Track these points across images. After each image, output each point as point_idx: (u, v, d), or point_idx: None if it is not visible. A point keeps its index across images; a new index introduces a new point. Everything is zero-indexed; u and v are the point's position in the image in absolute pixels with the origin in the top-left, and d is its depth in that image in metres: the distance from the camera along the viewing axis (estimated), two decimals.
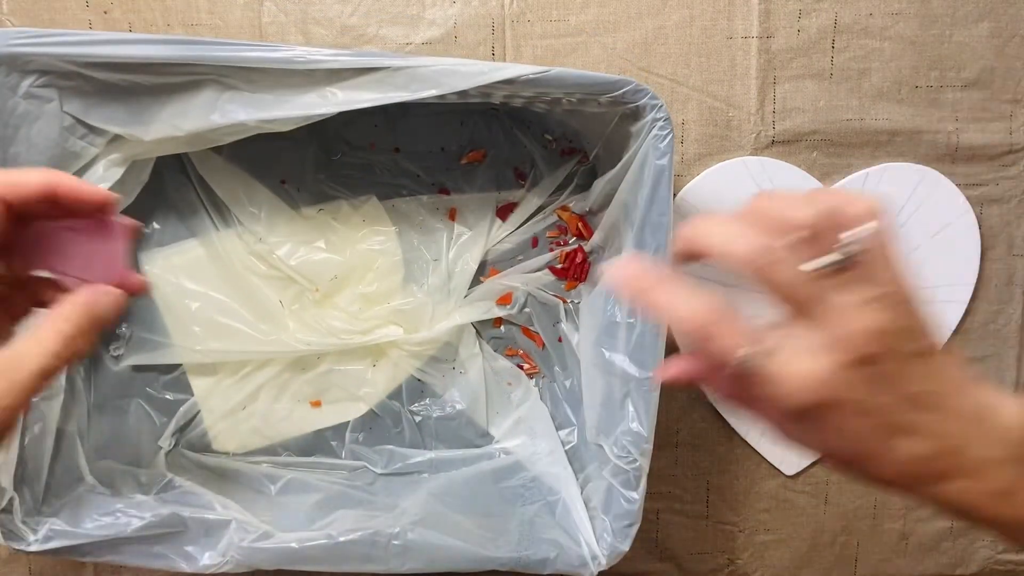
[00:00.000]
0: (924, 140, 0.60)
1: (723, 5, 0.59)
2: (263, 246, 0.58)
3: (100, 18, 0.57)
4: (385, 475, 0.59)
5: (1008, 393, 0.29)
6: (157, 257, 0.58)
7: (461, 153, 0.59)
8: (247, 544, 0.48)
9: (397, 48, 0.58)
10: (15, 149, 0.46)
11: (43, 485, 0.50)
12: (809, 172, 0.60)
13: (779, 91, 0.59)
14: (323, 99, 0.44)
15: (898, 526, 0.65)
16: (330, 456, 0.60)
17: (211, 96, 0.45)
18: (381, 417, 0.61)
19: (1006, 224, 0.62)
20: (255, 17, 0.57)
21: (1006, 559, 0.66)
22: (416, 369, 0.60)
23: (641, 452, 0.49)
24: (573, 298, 0.61)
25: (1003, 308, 0.63)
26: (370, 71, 0.43)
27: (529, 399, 0.61)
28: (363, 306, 0.59)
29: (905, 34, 0.59)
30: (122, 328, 0.58)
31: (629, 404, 0.49)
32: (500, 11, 0.58)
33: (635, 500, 0.49)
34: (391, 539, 0.49)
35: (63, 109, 0.46)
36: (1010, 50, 0.60)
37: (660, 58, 0.59)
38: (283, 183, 0.59)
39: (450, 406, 0.61)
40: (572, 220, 0.60)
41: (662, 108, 0.45)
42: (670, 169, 0.46)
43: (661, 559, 0.64)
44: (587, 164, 0.59)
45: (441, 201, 0.60)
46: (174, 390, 0.59)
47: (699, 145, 0.60)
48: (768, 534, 0.65)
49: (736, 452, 0.63)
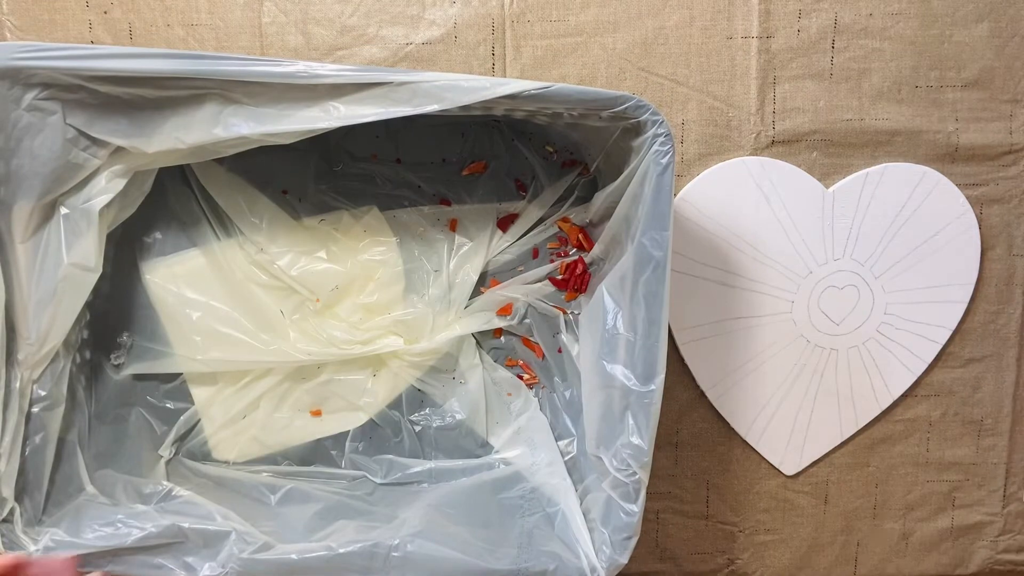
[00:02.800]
0: (924, 140, 0.61)
1: (723, 5, 0.59)
2: (264, 256, 0.58)
3: (100, 18, 0.57)
4: (385, 485, 0.59)
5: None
6: (159, 266, 0.58)
7: (462, 164, 0.59)
8: (247, 555, 0.49)
9: (397, 48, 0.58)
10: (18, 161, 0.46)
11: (44, 495, 0.51)
12: (809, 172, 0.61)
13: (779, 91, 0.60)
14: (325, 113, 0.44)
15: (898, 526, 0.65)
16: (330, 465, 0.60)
17: (214, 110, 0.45)
18: (381, 427, 0.61)
19: (1006, 224, 0.62)
20: (255, 17, 0.57)
21: (1006, 559, 0.67)
22: (416, 379, 0.60)
23: (641, 465, 0.49)
24: (573, 309, 0.61)
25: (1003, 308, 0.63)
26: (372, 86, 0.43)
27: (529, 410, 0.61)
28: (364, 316, 0.59)
29: (905, 34, 0.60)
30: (123, 337, 0.59)
31: (629, 417, 0.49)
32: (500, 11, 0.58)
33: (634, 513, 0.49)
34: (391, 551, 0.49)
35: (66, 121, 0.46)
36: (1010, 50, 0.60)
37: (660, 58, 0.59)
38: (285, 193, 0.59)
39: (450, 416, 0.61)
40: (573, 232, 0.60)
41: (663, 124, 0.45)
42: (671, 184, 0.46)
43: (661, 559, 0.65)
44: (588, 176, 0.60)
45: (442, 212, 0.60)
46: (175, 399, 0.59)
47: (699, 145, 0.60)
48: (768, 534, 0.65)
49: (736, 452, 0.64)
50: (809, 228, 0.61)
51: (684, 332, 0.61)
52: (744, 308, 0.62)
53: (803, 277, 0.62)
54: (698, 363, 0.62)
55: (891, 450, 0.65)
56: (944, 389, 0.64)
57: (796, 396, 0.63)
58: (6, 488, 0.48)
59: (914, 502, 0.66)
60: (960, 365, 0.64)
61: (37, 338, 0.49)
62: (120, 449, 0.58)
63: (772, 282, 0.61)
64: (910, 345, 0.63)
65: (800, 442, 0.64)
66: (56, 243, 0.48)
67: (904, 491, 0.65)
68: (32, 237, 0.48)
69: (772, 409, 0.63)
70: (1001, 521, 0.66)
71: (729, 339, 0.62)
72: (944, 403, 0.64)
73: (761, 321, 0.62)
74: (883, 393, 0.64)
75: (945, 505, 0.66)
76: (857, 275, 0.62)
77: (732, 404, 0.63)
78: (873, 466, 0.65)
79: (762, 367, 0.62)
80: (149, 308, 0.58)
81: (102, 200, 0.49)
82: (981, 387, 0.64)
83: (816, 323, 0.62)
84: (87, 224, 0.49)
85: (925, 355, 0.63)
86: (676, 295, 0.60)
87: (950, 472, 0.65)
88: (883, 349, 0.63)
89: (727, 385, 0.62)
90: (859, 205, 0.61)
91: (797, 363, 0.63)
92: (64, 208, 0.48)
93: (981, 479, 0.66)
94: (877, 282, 0.62)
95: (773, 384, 0.63)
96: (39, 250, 0.48)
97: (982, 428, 0.65)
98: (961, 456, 0.65)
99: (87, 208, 0.48)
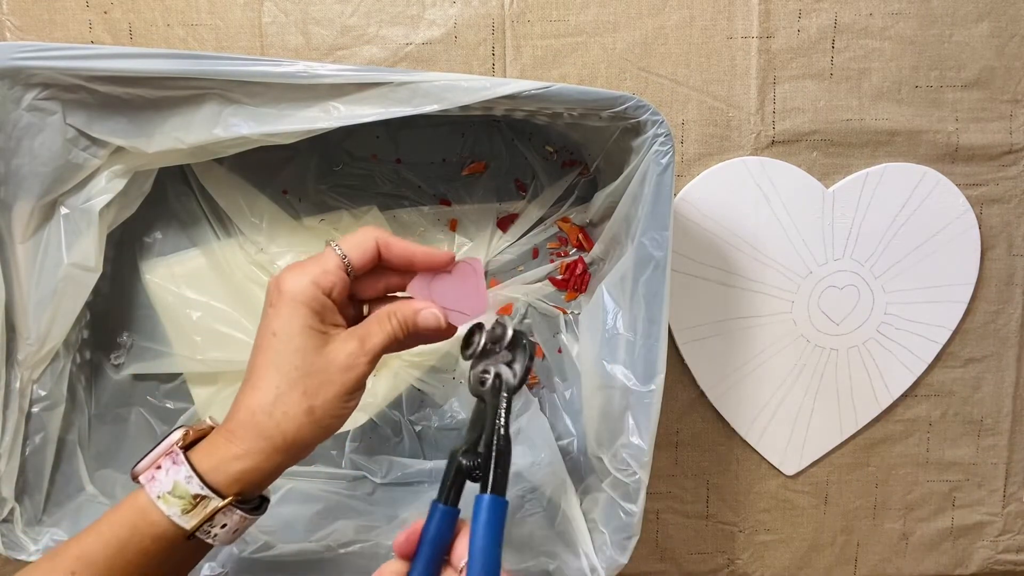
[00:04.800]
0: (924, 140, 0.61)
1: (723, 5, 0.59)
2: (264, 256, 0.58)
3: (100, 18, 0.57)
4: (385, 485, 0.59)
5: None
6: (158, 266, 0.58)
7: (462, 164, 0.59)
8: (247, 555, 0.49)
9: (397, 48, 0.58)
10: (18, 161, 0.46)
11: (44, 495, 0.51)
12: (809, 172, 0.61)
13: (779, 91, 0.60)
14: (326, 113, 0.44)
15: (898, 526, 0.65)
16: (330, 465, 0.60)
17: (214, 110, 0.45)
18: (381, 427, 0.61)
19: (1006, 224, 0.62)
20: (255, 17, 0.57)
21: (1006, 559, 0.67)
22: (416, 379, 0.60)
23: (641, 465, 0.49)
24: (573, 309, 0.61)
25: (1003, 308, 0.63)
26: (372, 86, 0.43)
27: (529, 410, 0.61)
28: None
29: (905, 34, 0.60)
30: (123, 337, 0.59)
31: (629, 417, 0.49)
32: (500, 11, 0.58)
33: (634, 513, 0.49)
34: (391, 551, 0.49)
35: (66, 121, 0.46)
36: (1010, 50, 0.60)
37: (660, 58, 0.59)
38: (285, 193, 0.59)
39: (450, 416, 0.61)
40: (573, 231, 0.60)
41: (663, 124, 0.45)
42: (671, 185, 0.46)
43: (661, 559, 0.65)
44: (588, 176, 0.60)
45: (442, 212, 0.60)
46: (175, 399, 0.59)
47: (699, 145, 0.60)
48: (768, 534, 0.65)
49: (736, 452, 0.64)
50: (809, 228, 0.61)
51: (684, 332, 0.61)
52: (744, 308, 0.62)
53: (803, 277, 0.62)
54: (698, 363, 0.62)
55: (891, 450, 0.65)
56: (944, 389, 0.64)
57: (796, 396, 0.63)
58: (6, 488, 0.48)
59: (914, 502, 0.66)
60: (960, 365, 0.64)
61: (37, 338, 0.49)
62: (120, 449, 0.58)
63: (772, 282, 0.61)
64: (910, 345, 0.63)
65: (800, 442, 0.64)
66: (56, 243, 0.48)
67: (904, 491, 0.65)
68: (32, 237, 0.48)
69: (772, 409, 0.63)
70: (1001, 521, 0.66)
71: (729, 339, 0.62)
72: (944, 403, 0.65)
73: (761, 321, 0.62)
74: (883, 393, 0.64)
75: (945, 505, 0.66)
76: (857, 275, 0.62)
77: (732, 404, 0.63)
78: (873, 466, 0.65)
79: (762, 367, 0.62)
80: (149, 308, 0.58)
81: (102, 200, 0.49)
82: (981, 387, 0.64)
83: (816, 323, 0.62)
84: (87, 224, 0.49)
85: (925, 355, 0.63)
86: (676, 295, 0.60)
87: (950, 472, 0.65)
88: (883, 349, 0.63)
89: (727, 385, 0.62)
90: (859, 205, 0.61)
91: (797, 363, 0.63)
92: (64, 208, 0.48)
93: (981, 479, 0.66)
94: (877, 282, 0.62)
95: (773, 384, 0.63)
96: (39, 250, 0.48)
97: (982, 428, 0.65)
98: (961, 456, 0.65)
99: (87, 208, 0.48)
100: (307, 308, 0.38)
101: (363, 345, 0.39)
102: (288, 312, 0.38)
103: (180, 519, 0.37)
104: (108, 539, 0.37)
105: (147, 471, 0.38)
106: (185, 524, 0.37)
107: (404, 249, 0.42)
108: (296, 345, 0.38)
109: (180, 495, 0.37)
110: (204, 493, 0.37)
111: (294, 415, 0.38)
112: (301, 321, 0.38)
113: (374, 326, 0.41)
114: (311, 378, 0.38)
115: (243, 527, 0.39)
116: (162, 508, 0.37)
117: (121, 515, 0.37)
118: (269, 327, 0.39)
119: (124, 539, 0.37)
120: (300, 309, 0.38)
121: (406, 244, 0.42)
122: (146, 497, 0.37)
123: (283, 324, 0.38)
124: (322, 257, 0.40)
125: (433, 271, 0.43)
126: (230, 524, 0.38)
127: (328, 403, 0.38)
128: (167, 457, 0.38)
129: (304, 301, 0.38)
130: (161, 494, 0.37)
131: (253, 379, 0.39)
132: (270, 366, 0.38)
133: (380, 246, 0.41)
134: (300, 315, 0.38)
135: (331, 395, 0.38)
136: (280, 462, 0.38)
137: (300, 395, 0.38)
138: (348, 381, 0.39)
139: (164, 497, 0.37)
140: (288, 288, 0.39)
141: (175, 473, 0.37)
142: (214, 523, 0.37)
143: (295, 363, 0.38)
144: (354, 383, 0.39)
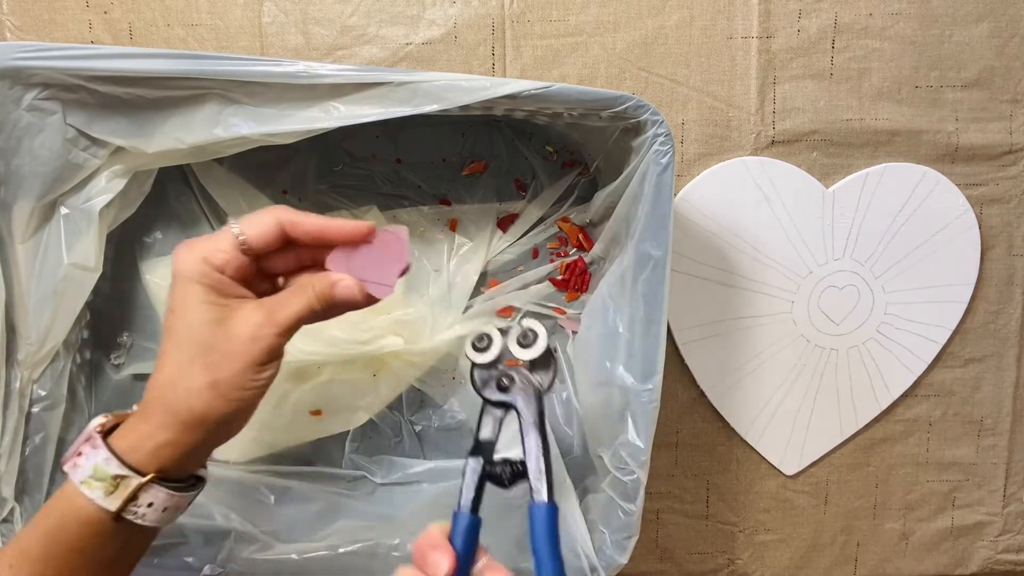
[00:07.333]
0: (924, 140, 0.61)
1: (723, 5, 0.59)
2: None
3: (100, 18, 0.57)
4: (385, 485, 0.59)
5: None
6: (158, 266, 0.58)
7: (462, 164, 0.59)
8: (247, 555, 0.49)
9: (397, 48, 0.58)
10: (18, 161, 0.46)
11: (44, 495, 0.51)
12: (809, 172, 0.61)
13: (779, 91, 0.60)
14: (326, 113, 0.44)
15: (898, 526, 0.65)
16: (330, 465, 0.60)
17: (214, 110, 0.45)
18: (381, 427, 0.61)
19: (1006, 224, 0.62)
20: (255, 17, 0.57)
21: (1006, 559, 0.67)
22: (416, 379, 0.60)
23: (639, 464, 0.49)
24: (573, 309, 0.61)
25: (1003, 308, 0.63)
26: (372, 86, 0.43)
27: None
28: (364, 316, 0.59)
29: (905, 34, 0.60)
30: (123, 337, 0.59)
31: (628, 416, 0.49)
32: (500, 11, 0.58)
33: (633, 512, 0.49)
34: (391, 550, 0.49)
35: (66, 121, 0.46)
36: (1010, 50, 0.60)
37: (660, 58, 0.59)
38: (285, 193, 0.59)
39: (450, 416, 0.61)
40: (573, 231, 0.60)
41: (663, 124, 0.45)
42: (671, 185, 0.46)
43: (661, 559, 0.65)
44: (588, 176, 0.60)
45: (442, 212, 0.60)
46: None
47: (699, 145, 0.60)
48: (768, 534, 0.65)
49: (736, 452, 0.64)
50: (809, 228, 0.61)
51: (684, 332, 0.61)
52: (744, 308, 0.62)
53: (803, 277, 0.62)
54: (698, 363, 0.62)
55: (891, 450, 0.65)
56: (944, 389, 0.64)
57: (796, 396, 0.63)
58: (6, 488, 0.48)
59: (914, 502, 0.66)
60: (960, 365, 0.64)
61: (37, 338, 0.49)
62: None
63: (772, 282, 0.61)
64: (910, 345, 0.63)
65: (800, 442, 0.64)
66: (56, 243, 0.48)
67: (904, 491, 0.65)
68: (32, 237, 0.48)
69: (772, 409, 0.63)
70: (1001, 521, 0.66)
71: (729, 339, 0.62)
72: (944, 403, 0.65)
73: (761, 321, 0.62)
74: (883, 393, 0.64)
75: (945, 505, 0.66)
76: (857, 275, 0.62)
77: (732, 404, 0.63)
78: (873, 466, 0.65)
79: (762, 367, 0.62)
80: (149, 308, 0.58)
81: (102, 200, 0.49)
82: (981, 387, 0.64)
83: (816, 323, 0.62)
84: (87, 224, 0.49)
85: (925, 355, 0.63)
86: (676, 295, 0.60)
87: (950, 472, 0.65)
88: (883, 349, 0.63)
89: (727, 385, 0.62)
90: (859, 205, 0.61)
91: (797, 363, 0.63)
92: (64, 208, 0.48)
93: (981, 479, 0.66)
94: (877, 282, 0.62)
95: (773, 384, 0.63)
96: (39, 250, 0.48)
97: (982, 428, 0.65)
98: (961, 456, 0.65)
99: (87, 208, 0.49)
100: (198, 285, 0.38)
101: (272, 316, 0.39)
102: (181, 289, 0.38)
103: (103, 501, 0.37)
104: (42, 530, 0.37)
105: (70, 459, 0.38)
106: (109, 506, 0.37)
107: (314, 226, 0.40)
108: (191, 320, 0.38)
109: (100, 478, 0.37)
110: (123, 473, 0.37)
111: (198, 389, 0.37)
112: (195, 297, 0.38)
113: (289, 297, 0.40)
114: (212, 352, 0.37)
115: (174, 505, 0.39)
116: (85, 492, 0.37)
117: (52, 505, 0.38)
118: (168, 306, 0.39)
119: (56, 528, 0.37)
120: (191, 286, 0.38)
121: (317, 221, 0.40)
122: (72, 485, 0.37)
123: (178, 301, 0.38)
124: (217, 235, 0.39)
125: (353, 244, 0.42)
126: (157, 502, 0.38)
127: (234, 376, 0.38)
128: (87, 443, 0.38)
129: (194, 278, 0.38)
130: (83, 479, 0.37)
131: (159, 358, 0.39)
132: (170, 343, 0.38)
133: (285, 225, 0.40)
134: (193, 292, 0.38)
135: (237, 368, 0.38)
136: (199, 439, 0.38)
137: (201, 369, 0.37)
138: (254, 352, 0.38)
139: (87, 482, 0.37)
140: (178, 266, 0.38)
141: (94, 457, 0.37)
142: (139, 502, 0.37)
143: (192, 338, 0.38)
144: (262, 355, 0.38)
